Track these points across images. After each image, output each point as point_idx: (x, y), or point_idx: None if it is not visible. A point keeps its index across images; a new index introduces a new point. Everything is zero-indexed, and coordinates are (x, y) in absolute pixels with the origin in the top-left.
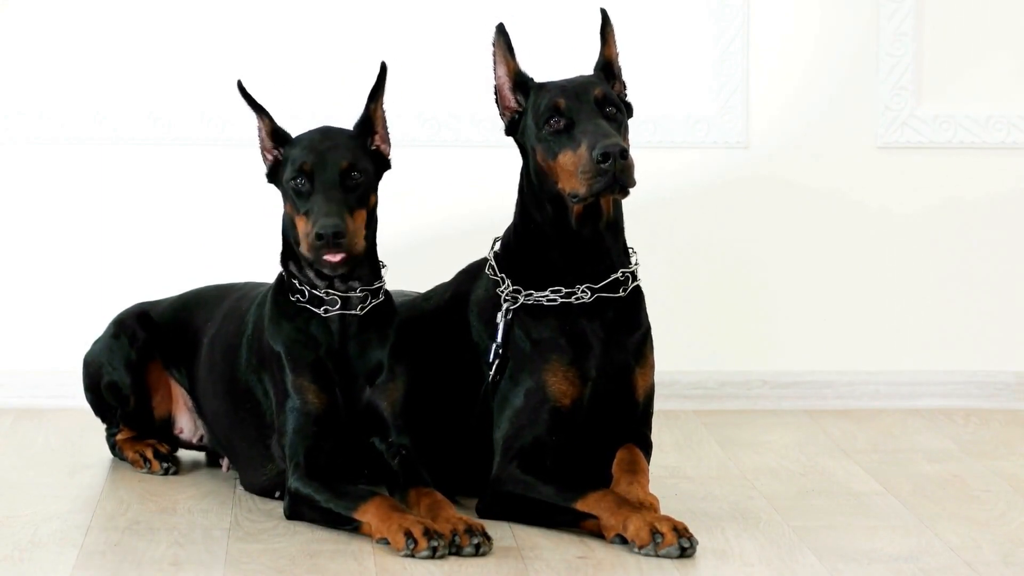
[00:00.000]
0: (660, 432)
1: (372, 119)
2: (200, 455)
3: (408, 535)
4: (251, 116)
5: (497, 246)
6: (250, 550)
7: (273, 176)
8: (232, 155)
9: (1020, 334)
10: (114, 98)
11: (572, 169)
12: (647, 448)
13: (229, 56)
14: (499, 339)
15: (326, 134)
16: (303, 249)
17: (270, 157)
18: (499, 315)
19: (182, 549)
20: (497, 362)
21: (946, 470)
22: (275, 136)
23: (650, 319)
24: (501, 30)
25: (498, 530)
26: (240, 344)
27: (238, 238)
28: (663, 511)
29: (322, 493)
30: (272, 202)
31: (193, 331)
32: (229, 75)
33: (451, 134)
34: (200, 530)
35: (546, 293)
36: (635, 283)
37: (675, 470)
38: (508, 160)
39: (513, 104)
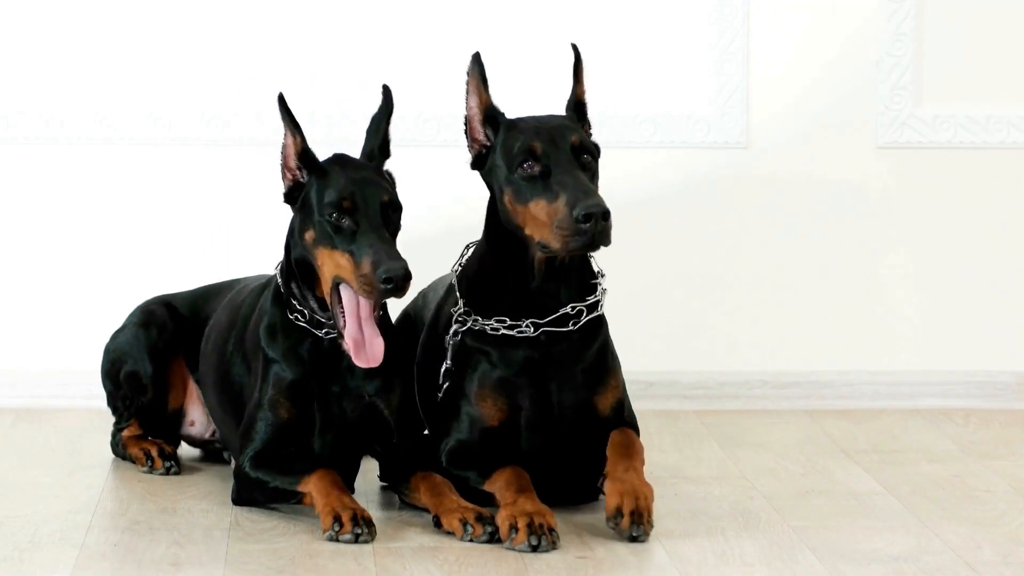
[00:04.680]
0: (660, 432)
1: (388, 143)
2: (199, 454)
3: (336, 519)
4: (251, 116)
5: (466, 256)
6: (250, 550)
7: (290, 197)
8: (232, 155)
9: (1020, 334)
10: (114, 98)
11: (545, 220)
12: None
13: (229, 56)
14: (448, 360)
15: (357, 167)
16: (354, 287)
17: (291, 177)
18: (448, 336)
19: (182, 549)
20: (447, 383)
21: (946, 470)
22: (303, 157)
23: (650, 319)
24: (476, 60)
25: None
26: (229, 338)
27: (238, 238)
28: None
29: (271, 475)
30: (271, 202)
31: (203, 324)
32: (229, 75)
33: (451, 134)
34: (200, 530)
35: (491, 322)
36: (591, 315)
37: (675, 470)
38: None
39: (482, 138)
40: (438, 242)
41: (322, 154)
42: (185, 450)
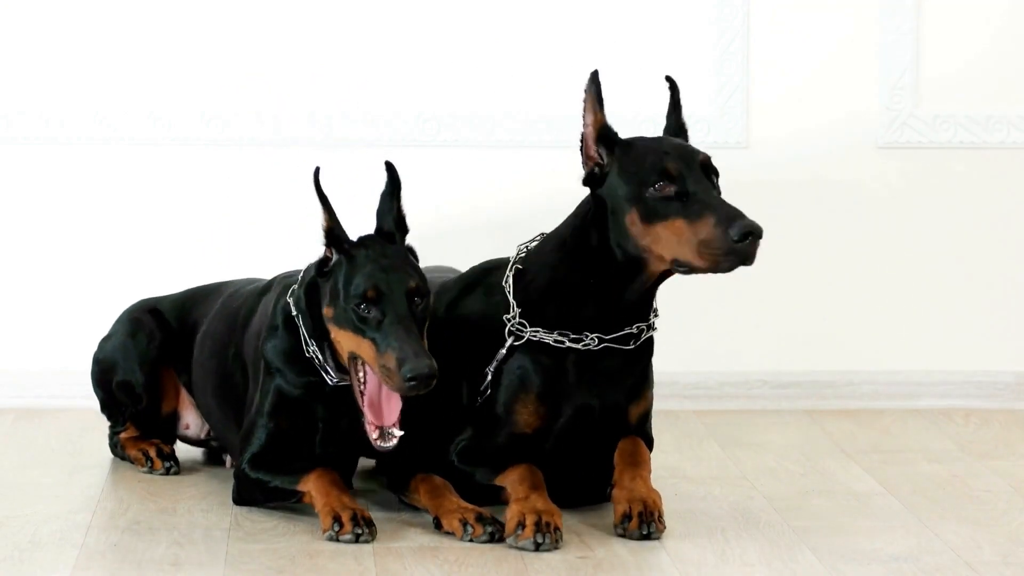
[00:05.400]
0: (660, 432)
1: (404, 220)
2: (198, 454)
3: (336, 519)
4: (251, 116)
5: (520, 256)
6: (250, 550)
7: (320, 271)
8: (232, 155)
9: (1020, 334)
10: (114, 98)
11: (685, 238)
12: (648, 442)
13: (229, 56)
14: (492, 369)
15: (384, 252)
16: (374, 370)
17: (328, 253)
18: (503, 348)
19: (182, 549)
20: (488, 392)
21: (946, 470)
22: (331, 237)
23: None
24: (594, 78)
25: None
26: (229, 343)
27: (238, 238)
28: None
29: (270, 474)
30: (271, 202)
31: (191, 328)
32: (229, 75)
33: (451, 134)
34: (200, 530)
35: (553, 335)
36: (648, 334)
37: (675, 470)
38: (508, 160)
39: (595, 155)
40: (438, 242)
41: (326, 155)
42: (184, 450)
